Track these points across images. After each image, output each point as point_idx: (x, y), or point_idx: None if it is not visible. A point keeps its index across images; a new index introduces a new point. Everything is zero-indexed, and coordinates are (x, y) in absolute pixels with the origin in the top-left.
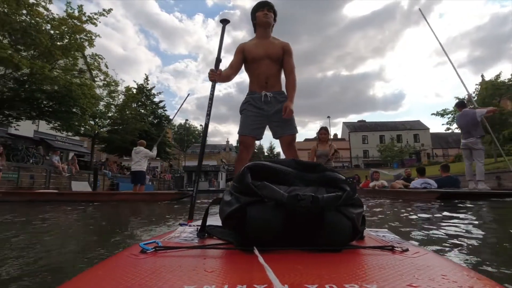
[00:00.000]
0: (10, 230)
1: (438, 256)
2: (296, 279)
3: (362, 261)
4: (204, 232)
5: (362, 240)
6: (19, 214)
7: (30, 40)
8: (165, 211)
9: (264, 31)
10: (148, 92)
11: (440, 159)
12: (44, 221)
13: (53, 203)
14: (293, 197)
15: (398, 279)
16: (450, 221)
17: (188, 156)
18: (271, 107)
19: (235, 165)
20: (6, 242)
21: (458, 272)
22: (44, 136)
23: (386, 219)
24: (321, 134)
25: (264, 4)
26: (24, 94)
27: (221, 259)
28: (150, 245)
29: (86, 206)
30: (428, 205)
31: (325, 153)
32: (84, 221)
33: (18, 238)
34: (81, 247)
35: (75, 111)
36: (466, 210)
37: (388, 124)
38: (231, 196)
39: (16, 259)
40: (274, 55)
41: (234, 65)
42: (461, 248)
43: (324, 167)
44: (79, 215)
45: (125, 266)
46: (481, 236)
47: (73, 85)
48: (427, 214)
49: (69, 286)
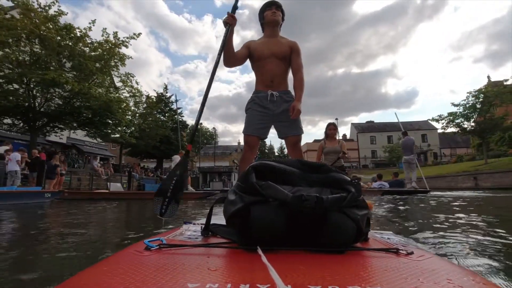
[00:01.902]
0: (77, 215)
1: (443, 260)
2: (299, 279)
3: (366, 263)
4: (208, 230)
5: (367, 242)
6: (86, 207)
7: (78, 66)
8: (195, 208)
9: (272, 30)
10: (167, 100)
11: (447, 158)
12: (103, 210)
13: (107, 200)
14: (298, 197)
15: (402, 282)
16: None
17: (201, 157)
18: (277, 106)
19: (239, 164)
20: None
21: (464, 277)
22: (75, 142)
23: None
24: (329, 129)
25: (272, 3)
26: (69, 109)
27: (224, 258)
28: (155, 242)
29: (127, 202)
30: (375, 198)
31: (335, 150)
32: (128, 212)
33: (80, 221)
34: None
35: (109, 122)
36: (399, 200)
37: (396, 125)
38: (235, 195)
39: (75, 235)
40: (280, 53)
41: (237, 56)
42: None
43: (328, 168)
44: (124, 208)
45: (130, 263)
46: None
47: (112, 102)
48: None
49: (74, 282)
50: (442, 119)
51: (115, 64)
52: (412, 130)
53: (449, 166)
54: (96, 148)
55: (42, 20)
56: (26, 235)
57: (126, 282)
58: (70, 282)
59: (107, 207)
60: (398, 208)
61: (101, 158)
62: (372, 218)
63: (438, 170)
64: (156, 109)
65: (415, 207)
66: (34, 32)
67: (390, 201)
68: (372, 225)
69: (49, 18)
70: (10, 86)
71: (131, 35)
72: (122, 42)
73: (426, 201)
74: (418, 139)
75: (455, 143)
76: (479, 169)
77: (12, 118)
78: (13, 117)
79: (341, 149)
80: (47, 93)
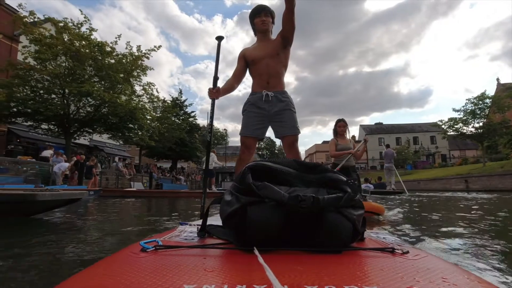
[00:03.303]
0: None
1: (438, 259)
2: (295, 279)
3: (362, 263)
4: (205, 231)
5: (363, 241)
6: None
7: (106, 77)
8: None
9: (263, 36)
10: (181, 104)
11: (456, 160)
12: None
13: (135, 198)
14: (294, 197)
15: (398, 281)
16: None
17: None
18: (272, 106)
19: (235, 165)
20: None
21: (459, 275)
22: (97, 144)
23: None
24: (339, 126)
25: (260, 10)
26: (98, 116)
27: (221, 258)
28: (151, 243)
29: (149, 199)
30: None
31: (348, 148)
32: (155, 206)
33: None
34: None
35: (132, 126)
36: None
37: (405, 127)
38: (231, 196)
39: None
40: (274, 50)
41: (236, 72)
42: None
43: (325, 168)
44: (151, 203)
45: (126, 265)
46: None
47: (136, 110)
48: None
49: (70, 283)
50: (443, 124)
51: (137, 75)
52: (421, 132)
53: (453, 169)
54: (115, 149)
55: (77, 38)
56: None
57: (122, 284)
58: (66, 284)
59: (136, 202)
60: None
61: (119, 158)
62: (384, 222)
63: (441, 173)
64: (172, 114)
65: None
66: (70, 49)
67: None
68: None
69: (84, 37)
70: (48, 95)
71: (152, 47)
72: (144, 54)
73: (405, 200)
74: (427, 140)
75: (464, 145)
76: (471, 172)
77: (50, 124)
78: (51, 124)
79: (353, 147)
80: (80, 102)
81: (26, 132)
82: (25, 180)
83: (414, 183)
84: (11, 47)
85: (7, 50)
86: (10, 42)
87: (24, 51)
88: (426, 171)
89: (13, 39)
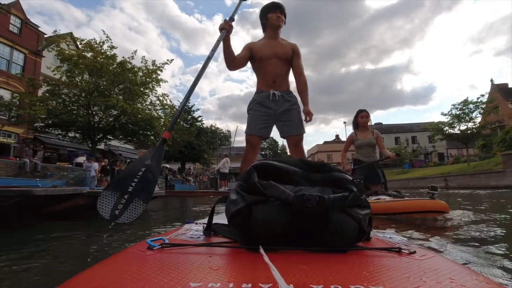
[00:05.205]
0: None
1: (446, 259)
2: (301, 279)
3: (368, 263)
4: (210, 230)
5: (369, 241)
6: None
7: (127, 90)
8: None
9: (273, 33)
10: (189, 109)
11: (452, 159)
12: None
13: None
14: (300, 197)
15: (404, 282)
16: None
17: (218, 159)
18: (279, 106)
19: (241, 164)
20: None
21: (467, 276)
22: (111, 148)
23: None
24: (361, 117)
25: (277, 6)
26: (119, 125)
27: (226, 257)
28: (157, 241)
29: (164, 198)
30: None
31: (369, 143)
32: (174, 204)
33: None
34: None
35: (149, 133)
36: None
37: (404, 126)
38: (237, 194)
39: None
40: (282, 54)
41: (238, 56)
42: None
43: (330, 167)
44: (168, 202)
45: (132, 262)
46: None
47: (153, 119)
48: None
49: (77, 280)
50: (431, 126)
51: (152, 87)
52: (419, 132)
53: (441, 168)
54: (128, 152)
55: (101, 57)
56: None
57: (129, 281)
58: (73, 281)
59: (157, 202)
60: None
61: (131, 161)
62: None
63: (431, 172)
64: (182, 119)
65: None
66: (96, 66)
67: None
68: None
69: (109, 56)
70: (77, 108)
71: (165, 61)
72: (158, 67)
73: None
74: (425, 140)
75: (462, 144)
76: (451, 172)
77: (77, 133)
78: (77, 132)
79: (376, 141)
80: (104, 114)
81: (49, 138)
82: (67, 183)
83: (405, 182)
84: (35, 61)
85: (32, 65)
86: (35, 57)
87: (52, 68)
88: (420, 170)
89: (37, 54)
